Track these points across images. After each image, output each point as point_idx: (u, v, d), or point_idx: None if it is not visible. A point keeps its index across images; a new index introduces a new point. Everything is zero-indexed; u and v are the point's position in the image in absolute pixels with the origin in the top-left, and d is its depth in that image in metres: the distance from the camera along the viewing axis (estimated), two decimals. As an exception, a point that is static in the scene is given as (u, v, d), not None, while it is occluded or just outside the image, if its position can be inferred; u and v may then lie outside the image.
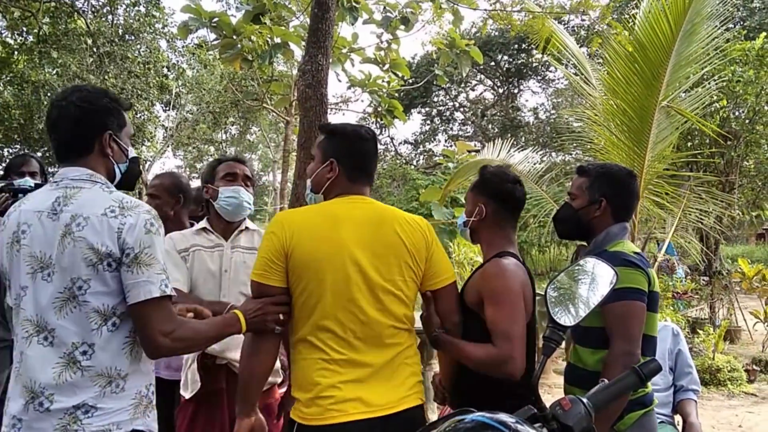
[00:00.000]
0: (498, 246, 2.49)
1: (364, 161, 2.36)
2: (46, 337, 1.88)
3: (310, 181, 2.40)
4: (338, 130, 2.39)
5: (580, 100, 8.06)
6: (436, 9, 7.63)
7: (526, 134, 26.34)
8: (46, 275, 1.90)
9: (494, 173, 2.58)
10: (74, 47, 13.81)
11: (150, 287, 1.91)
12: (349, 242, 2.17)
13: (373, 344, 2.17)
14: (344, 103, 20.24)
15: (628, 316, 2.35)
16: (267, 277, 2.17)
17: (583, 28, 21.46)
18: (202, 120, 22.62)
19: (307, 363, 2.14)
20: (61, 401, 1.86)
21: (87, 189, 1.98)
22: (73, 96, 2.03)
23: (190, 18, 6.41)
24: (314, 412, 2.08)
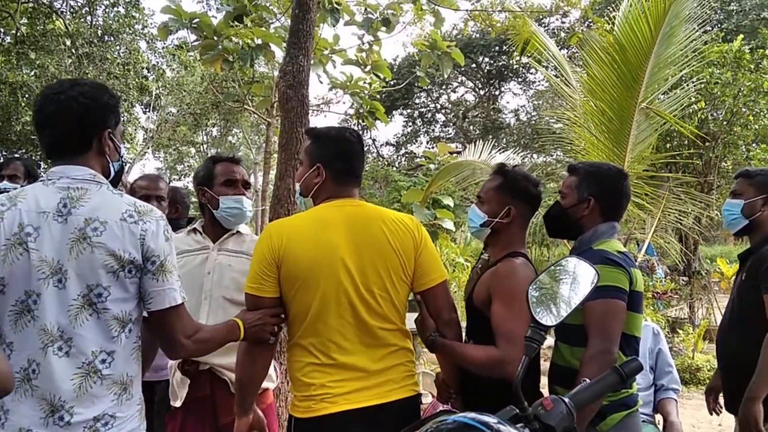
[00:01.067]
0: (513, 246, 2.51)
1: (349, 164, 2.38)
2: (61, 347, 1.80)
3: (299, 186, 2.43)
4: (323, 135, 2.41)
5: (560, 101, 8.10)
6: (417, 11, 7.63)
7: (507, 136, 26.44)
8: (57, 281, 1.81)
9: (523, 176, 2.59)
10: (52, 48, 13.66)
11: (174, 294, 1.94)
12: (339, 247, 2.21)
13: (366, 346, 2.22)
14: (326, 104, 20.18)
15: (607, 314, 2.33)
16: (261, 290, 2.22)
17: (563, 30, 21.60)
18: (182, 121, 22.48)
19: (301, 366, 2.22)
20: (81, 413, 1.81)
21: (94, 190, 1.91)
22: (73, 90, 1.95)
23: (170, 19, 6.36)
24: (307, 405, 2.17)
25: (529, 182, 2.58)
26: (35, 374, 1.80)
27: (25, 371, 1.80)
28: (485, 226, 2.55)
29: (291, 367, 2.27)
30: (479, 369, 2.30)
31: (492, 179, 2.62)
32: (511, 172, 2.61)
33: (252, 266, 2.25)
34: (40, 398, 1.79)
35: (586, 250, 2.53)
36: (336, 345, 2.18)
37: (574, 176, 2.67)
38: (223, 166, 2.98)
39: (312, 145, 2.40)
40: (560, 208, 2.68)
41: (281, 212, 4.96)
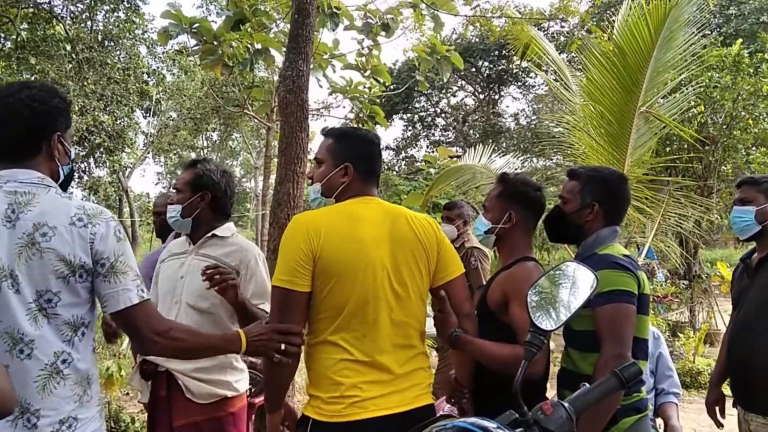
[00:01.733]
0: (520, 251, 2.59)
1: (374, 164, 2.42)
2: (23, 349, 1.79)
3: (321, 186, 2.38)
4: (350, 134, 2.45)
5: (560, 105, 8.11)
6: (416, 15, 7.64)
7: (507, 140, 26.43)
8: (10, 285, 1.78)
9: (523, 181, 2.68)
10: (53, 53, 13.67)
11: (129, 294, 1.89)
12: (372, 242, 2.21)
13: (394, 346, 2.21)
14: (325, 108, 20.18)
15: (618, 318, 2.32)
16: (294, 283, 2.14)
17: (562, 35, 21.63)
18: (182, 126, 22.50)
19: (330, 363, 2.16)
20: (48, 416, 1.80)
21: (42, 194, 1.87)
22: (21, 93, 1.92)
23: (170, 24, 6.37)
24: (336, 410, 2.12)
25: (529, 187, 2.65)
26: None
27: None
28: (489, 233, 2.63)
29: (318, 365, 2.20)
30: (504, 367, 2.29)
31: (494, 188, 2.71)
32: (511, 178, 2.69)
33: (283, 257, 2.18)
34: None
35: (590, 255, 2.53)
36: (371, 341, 2.17)
37: (575, 181, 2.64)
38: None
39: (336, 144, 2.39)
40: (562, 213, 2.65)
41: (281, 216, 4.96)
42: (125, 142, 15.94)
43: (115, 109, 14.87)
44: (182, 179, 2.97)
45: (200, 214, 2.90)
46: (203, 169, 2.93)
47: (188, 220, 2.88)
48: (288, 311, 2.17)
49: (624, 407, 2.36)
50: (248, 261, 2.84)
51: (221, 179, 2.96)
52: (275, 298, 2.22)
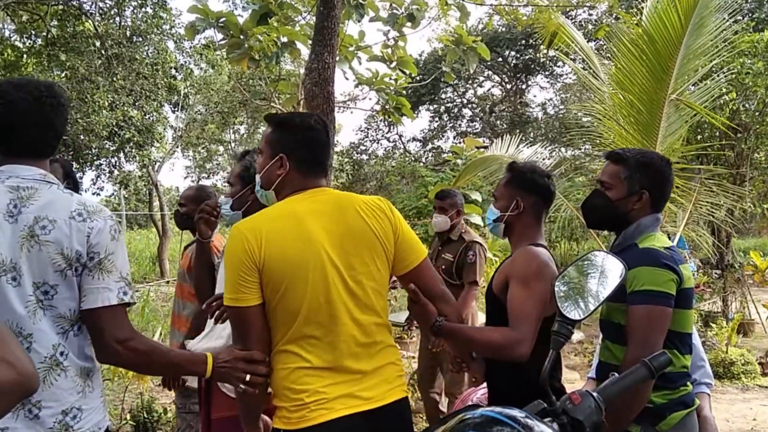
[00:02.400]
0: (530, 238, 2.58)
1: (315, 153, 2.22)
2: (22, 342, 1.81)
3: (260, 177, 2.27)
4: (285, 122, 2.28)
5: (588, 94, 8.02)
6: (442, 5, 7.60)
7: (534, 130, 26.25)
8: (10, 279, 1.81)
9: (530, 168, 2.67)
10: (82, 49, 13.83)
11: (108, 294, 1.90)
12: (320, 240, 2.07)
13: (359, 345, 2.09)
14: (351, 101, 20.24)
15: (650, 322, 2.22)
16: (243, 299, 2.01)
17: (590, 23, 21.37)
18: (210, 120, 22.64)
19: (290, 371, 2.06)
20: (50, 407, 1.84)
21: (44, 189, 1.91)
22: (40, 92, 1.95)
23: (197, 18, 6.41)
24: (301, 415, 2.01)
25: (537, 174, 2.64)
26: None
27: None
28: (498, 221, 2.64)
29: (277, 375, 2.08)
30: (488, 350, 2.33)
31: (503, 177, 2.73)
32: (518, 166, 2.70)
33: (228, 275, 2.04)
34: None
35: (629, 246, 2.42)
36: (329, 345, 2.04)
37: (621, 165, 2.48)
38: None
39: (273, 133, 2.24)
40: (605, 200, 2.49)
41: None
42: (154, 137, 16.06)
43: (144, 104, 15.01)
44: (234, 172, 2.94)
45: (251, 207, 2.78)
46: (251, 160, 2.85)
47: (239, 213, 2.82)
48: (246, 330, 2.07)
49: (671, 401, 2.31)
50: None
51: None
52: (231, 319, 2.14)
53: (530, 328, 2.26)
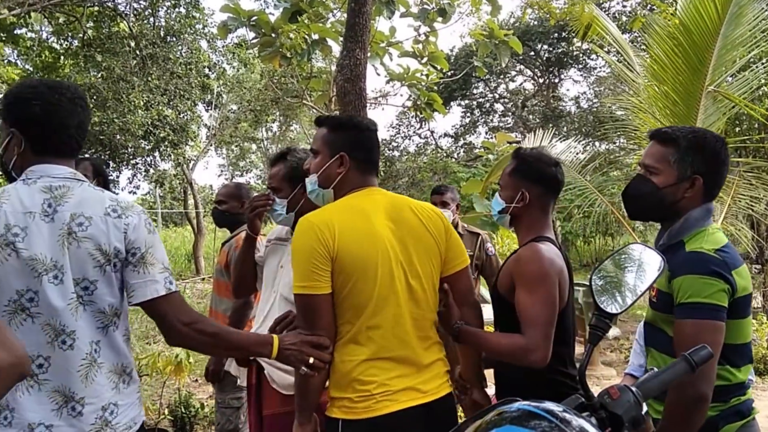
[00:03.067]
0: (536, 231, 2.44)
1: (372, 153, 2.35)
2: (65, 340, 1.86)
3: (318, 177, 2.33)
4: (345, 123, 2.39)
5: (623, 87, 7.91)
6: (473, 0, 7.55)
7: (567, 124, 25.99)
8: (52, 277, 1.85)
9: (537, 157, 2.49)
10: (118, 50, 14.06)
11: (156, 286, 1.96)
12: (385, 236, 2.17)
13: (417, 339, 2.19)
14: (383, 97, 20.21)
15: (697, 338, 1.86)
16: (314, 287, 2.09)
17: (624, 14, 21.07)
18: (243, 118, 22.84)
19: (357, 363, 2.13)
20: (92, 403, 1.88)
21: (76, 187, 1.94)
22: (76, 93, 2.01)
23: (229, 17, 6.47)
24: (367, 405, 2.09)
25: (543, 162, 2.47)
26: (43, 369, 1.85)
27: (37, 366, 1.84)
28: (503, 213, 2.50)
29: (342, 366, 2.15)
30: (504, 357, 2.28)
31: (508, 165, 2.55)
32: (524, 154, 2.53)
33: (299, 264, 2.11)
34: (51, 391, 1.85)
35: (676, 246, 2.15)
36: (395, 337, 2.13)
37: (670, 147, 2.17)
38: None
39: (331, 134, 2.33)
40: (651, 187, 2.19)
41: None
42: (188, 135, 16.26)
43: (179, 103, 15.19)
44: (277, 175, 2.88)
45: (305, 205, 2.77)
46: (296, 159, 2.84)
47: (292, 215, 2.82)
48: (315, 318, 2.14)
49: (724, 412, 2.08)
50: None
51: None
52: (299, 306, 2.18)
53: (541, 334, 2.16)
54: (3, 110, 2.00)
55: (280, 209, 2.84)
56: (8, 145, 1.98)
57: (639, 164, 2.30)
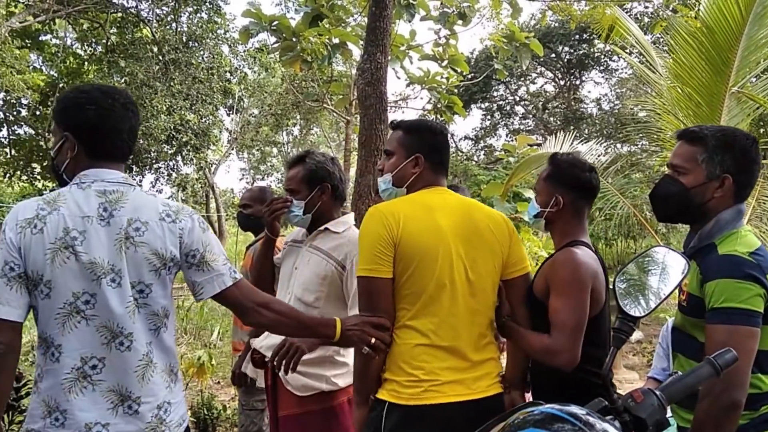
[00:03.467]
0: (571, 235, 2.46)
1: (443, 154, 2.46)
2: (122, 342, 1.89)
3: (392, 176, 2.44)
4: (420, 125, 2.50)
5: (645, 88, 7.85)
6: (494, 3, 7.55)
7: (589, 126, 25.81)
8: (110, 281, 1.87)
9: (571, 162, 2.52)
10: (141, 56, 14.22)
11: (223, 278, 2.03)
12: (448, 232, 2.25)
13: (470, 334, 2.24)
14: (403, 100, 20.20)
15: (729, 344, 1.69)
16: (377, 270, 2.18)
17: (646, 15, 20.91)
18: (264, 122, 22.99)
19: (409, 347, 2.20)
20: (148, 402, 1.92)
21: (129, 192, 1.97)
22: (128, 98, 2.05)
23: (250, 22, 6.53)
24: (414, 393, 2.14)
25: (578, 168, 2.49)
26: (97, 369, 1.87)
27: (80, 370, 1.86)
28: (538, 217, 2.53)
29: (397, 349, 2.22)
30: (535, 356, 2.31)
31: (543, 170, 2.58)
32: (558, 160, 2.55)
33: (364, 248, 2.22)
34: (106, 391, 1.87)
35: (707, 249, 2.06)
36: (449, 326, 2.20)
37: (698, 146, 2.10)
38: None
39: (407, 136, 2.45)
40: (679, 187, 2.13)
41: (362, 208, 5.02)
42: (210, 140, 16.39)
43: (201, 108, 15.32)
44: (295, 178, 2.89)
45: (321, 207, 2.85)
46: (314, 162, 2.88)
47: (309, 216, 2.86)
48: (375, 301, 2.21)
49: (753, 421, 1.99)
50: (354, 256, 2.66)
51: (334, 167, 2.93)
52: (362, 289, 2.24)
53: (569, 338, 2.18)
54: (57, 114, 2.02)
55: (297, 211, 2.86)
56: (61, 149, 2.00)
57: (667, 165, 2.25)
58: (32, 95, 11.77)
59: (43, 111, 14.86)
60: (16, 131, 16.94)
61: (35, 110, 15.18)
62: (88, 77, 15.67)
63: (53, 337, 1.87)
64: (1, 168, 16.94)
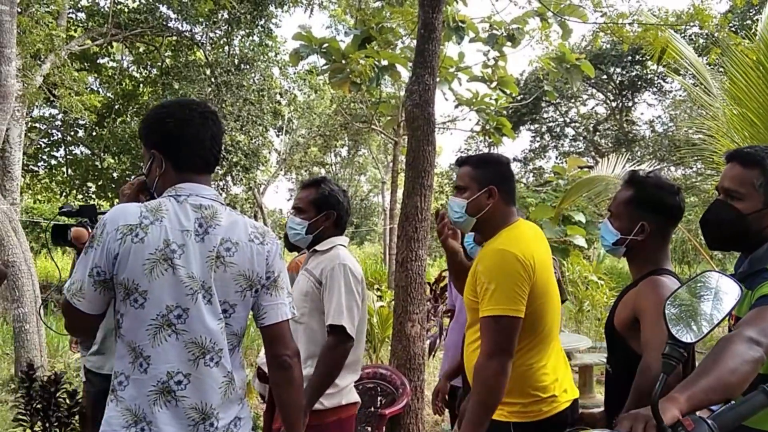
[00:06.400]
0: (654, 263, 2.26)
1: (513, 184, 2.61)
2: (212, 357, 1.90)
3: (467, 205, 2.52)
4: (488, 159, 2.64)
5: (700, 110, 7.68)
6: (544, 25, 7.51)
7: (641, 148, 25.37)
8: (202, 297, 1.88)
9: (657, 184, 2.29)
10: (194, 78, 14.53)
11: (285, 309, 2.05)
12: (549, 266, 2.49)
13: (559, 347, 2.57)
14: (451, 122, 20.24)
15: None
16: (519, 311, 2.28)
17: (701, 36, 20.54)
18: (313, 143, 23.26)
19: (532, 370, 2.39)
20: (224, 418, 1.93)
21: (221, 211, 1.99)
22: (203, 108, 2.06)
23: (301, 45, 6.63)
24: (537, 409, 2.37)
25: (664, 191, 2.27)
26: (181, 386, 1.87)
27: (165, 384, 1.85)
28: (618, 244, 2.31)
29: (516, 374, 2.32)
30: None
31: (623, 190, 2.35)
32: (642, 181, 2.32)
33: (506, 289, 2.28)
34: (189, 408, 1.87)
35: (758, 273, 1.95)
36: (555, 352, 2.49)
37: (754, 169, 1.99)
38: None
39: (478, 170, 2.55)
40: (734, 213, 2.02)
41: (409, 229, 5.01)
42: (260, 160, 16.62)
43: (251, 129, 15.56)
44: (306, 198, 3.01)
45: (323, 232, 2.98)
46: (328, 189, 3.00)
47: (309, 237, 2.98)
48: (512, 337, 2.29)
49: None
50: (328, 272, 2.83)
51: (344, 199, 3.04)
52: (505, 327, 2.28)
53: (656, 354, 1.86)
54: (142, 136, 2.06)
55: (299, 229, 2.97)
56: (151, 168, 2.03)
57: (717, 188, 2.12)
58: (89, 116, 12.13)
59: (99, 132, 15.30)
60: (72, 151, 17.48)
61: (92, 131, 15.64)
62: (143, 99, 16.10)
63: (142, 348, 1.86)
64: (58, 187, 17.46)
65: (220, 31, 15.24)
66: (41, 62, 10.69)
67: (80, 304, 1.85)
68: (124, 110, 16.17)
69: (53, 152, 17.22)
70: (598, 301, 11.18)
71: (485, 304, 2.30)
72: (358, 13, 8.47)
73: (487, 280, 2.31)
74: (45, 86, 11.15)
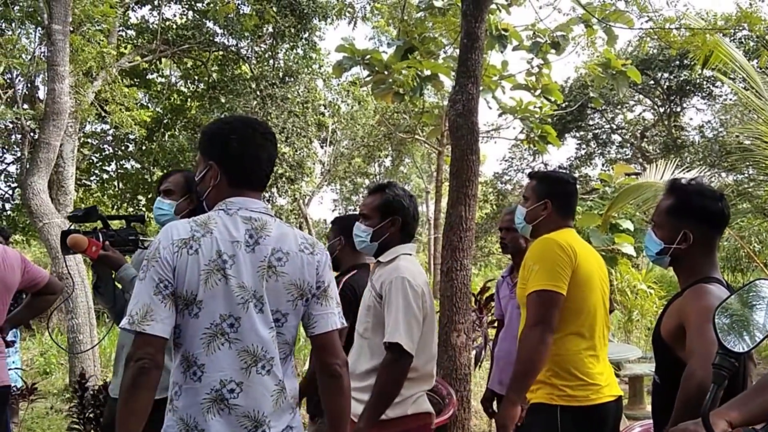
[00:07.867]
0: (700, 272, 2.21)
1: (570, 200, 2.99)
2: (264, 365, 1.93)
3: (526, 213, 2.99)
4: (549, 176, 3.10)
5: (751, 115, 7.50)
6: (589, 32, 7.42)
7: (691, 154, 24.81)
8: (254, 306, 1.92)
9: (698, 191, 2.26)
10: (240, 91, 14.73)
11: (334, 318, 2.07)
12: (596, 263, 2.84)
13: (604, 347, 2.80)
14: (495, 130, 20.13)
15: None
16: (560, 287, 2.62)
17: (751, 39, 20.05)
18: (356, 154, 23.35)
19: (576, 351, 2.66)
20: (275, 426, 1.94)
21: (271, 222, 2.03)
22: (264, 128, 2.11)
23: (344, 57, 6.69)
24: (584, 395, 2.59)
25: (707, 198, 2.23)
26: (234, 394, 1.89)
27: (218, 392, 1.88)
28: (662, 254, 2.28)
29: (564, 357, 2.65)
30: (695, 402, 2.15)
31: (664, 199, 2.33)
32: (683, 188, 2.29)
33: (548, 267, 2.65)
34: (241, 416, 1.89)
35: None
36: (602, 338, 2.76)
37: None
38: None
39: (538, 184, 2.99)
40: None
41: (454, 239, 5.00)
42: (304, 171, 16.74)
43: (296, 141, 15.69)
44: (370, 204, 2.93)
45: (388, 239, 2.87)
46: (393, 194, 2.90)
47: (375, 244, 2.88)
48: (552, 311, 2.61)
49: None
50: (387, 286, 2.72)
51: (410, 204, 2.94)
52: (541, 301, 2.63)
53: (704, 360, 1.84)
54: (202, 145, 2.12)
55: (364, 236, 2.89)
56: (204, 177, 2.08)
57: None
58: (139, 131, 12.39)
59: (149, 146, 15.62)
60: (123, 165, 17.84)
61: (141, 145, 15.96)
62: (190, 113, 16.38)
63: (197, 357, 1.90)
64: (110, 200, 17.87)
65: (264, 45, 15.44)
66: (93, 79, 10.97)
67: (151, 328, 1.82)
68: (173, 124, 16.46)
69: (105, 167, 17.60)
70: (647, 310, 10.97)
71: (530, 283, 2.67)
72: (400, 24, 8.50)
73: (532, 263, 2.72)
74: (96, 102, 11.42)
